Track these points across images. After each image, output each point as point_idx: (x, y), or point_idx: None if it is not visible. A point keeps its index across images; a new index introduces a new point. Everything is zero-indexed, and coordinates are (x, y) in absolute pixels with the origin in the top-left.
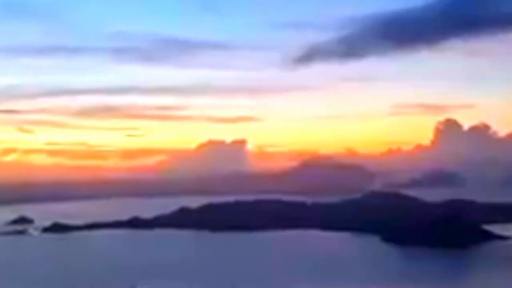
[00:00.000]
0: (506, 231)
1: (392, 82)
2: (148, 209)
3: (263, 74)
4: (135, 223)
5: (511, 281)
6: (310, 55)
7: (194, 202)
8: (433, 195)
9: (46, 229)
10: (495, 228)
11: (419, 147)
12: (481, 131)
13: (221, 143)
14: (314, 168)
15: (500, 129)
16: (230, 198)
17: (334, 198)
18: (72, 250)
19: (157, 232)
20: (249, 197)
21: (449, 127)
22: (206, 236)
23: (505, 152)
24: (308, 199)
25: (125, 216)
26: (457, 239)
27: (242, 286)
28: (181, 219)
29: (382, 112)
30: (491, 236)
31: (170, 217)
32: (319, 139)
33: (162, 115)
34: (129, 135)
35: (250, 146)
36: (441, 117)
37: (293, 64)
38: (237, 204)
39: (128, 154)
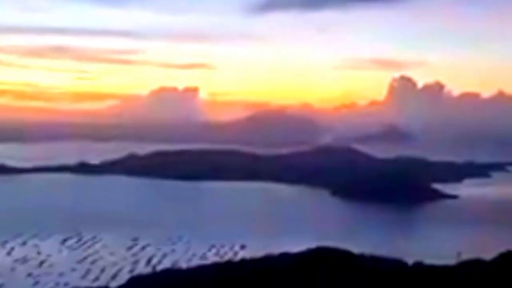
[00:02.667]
0: (455, 190)
1: (349, 36)
2: (96, 154)
3: (221, 21)
4: (82, 168)
5: (448, 238)
6: (269, 4)
7: (144, 149)
8: (385, 152)
9: None
10: (445, 187)
11: (373, 103)
12: (435, 90)
13: (174, 90)
14: (266, 119)
15: (454, 89)
16: (180, 147)
17: (285, 151)
18: (17, 193)
19: (105, 178)
20: (200, 146)
21: (404, 84)
22: (155, 184)
23: (458, 112)
24: (260, 151)
25: (72, 160)
26: (404, 196)
27: (188, 237)
28: (130, 166)
29: (338, 65)
30: (438, 195)
31: (118, 163)
32: (273, 90)
33: (114, 58)
34: (79, 78)
35: (202, 94)
36: (397, 73)
37: (252, 12)
38: (187, 153)
39: (78, 97)
